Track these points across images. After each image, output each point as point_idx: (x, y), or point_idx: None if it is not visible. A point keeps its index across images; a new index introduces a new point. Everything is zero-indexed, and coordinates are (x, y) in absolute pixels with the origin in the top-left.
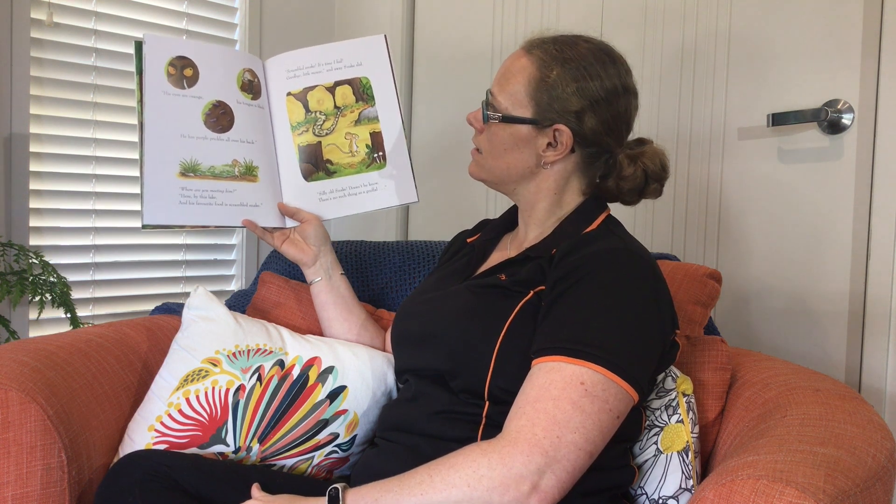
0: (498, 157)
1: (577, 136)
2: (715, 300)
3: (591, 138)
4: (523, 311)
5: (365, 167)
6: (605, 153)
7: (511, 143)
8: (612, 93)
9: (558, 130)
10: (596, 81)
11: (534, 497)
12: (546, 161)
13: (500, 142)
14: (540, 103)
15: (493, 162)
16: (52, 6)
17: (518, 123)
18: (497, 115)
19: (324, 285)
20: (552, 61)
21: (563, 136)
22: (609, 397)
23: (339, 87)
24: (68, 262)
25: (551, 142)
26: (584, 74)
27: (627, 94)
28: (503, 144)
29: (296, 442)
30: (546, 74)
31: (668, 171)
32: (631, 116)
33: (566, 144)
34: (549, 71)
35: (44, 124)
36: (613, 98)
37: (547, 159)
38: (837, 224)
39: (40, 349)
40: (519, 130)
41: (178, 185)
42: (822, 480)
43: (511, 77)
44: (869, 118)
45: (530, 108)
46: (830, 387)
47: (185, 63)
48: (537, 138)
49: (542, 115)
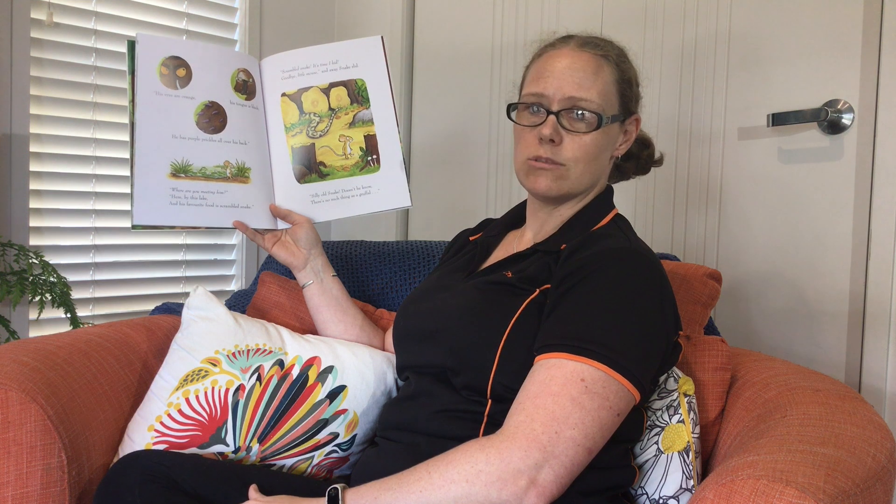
0: (590, 163)
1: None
2: (715, 300)
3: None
4: (529, 308)
5: (358, 170)
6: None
7: (605, 144)
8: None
9: (635, 120)
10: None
11: (531, 492)
12: (619, 153)
13: (595, 147)
14: (624, 97)
15: (584, 169)
16: (52, 6)
17: (614, 122)
18: (608, 118)
19: (315, 288)
20: (616, 55)
21: (635, 124)
22: (609, 394)
23: (334, 88)
24: (68, 262)
25: (624, 133)
26: (631, 66)
27: None
28: (598, 148)
29: (295, 442)
30: (624, 69)
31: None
32: None
33: (635, 131)
34: (623, 64)
35: (44, 124)
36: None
37: (620, 151)
38: (837, 224)
39: (40, 349)
40: (612, 130)
41: (168, 186)
42: (822, 480)
43: (594, 77)
44: (869, 118)
45: (617, 104)
46: (830, 387)
47: (178, 63)
48: (619, 134)
49: (625, 109)
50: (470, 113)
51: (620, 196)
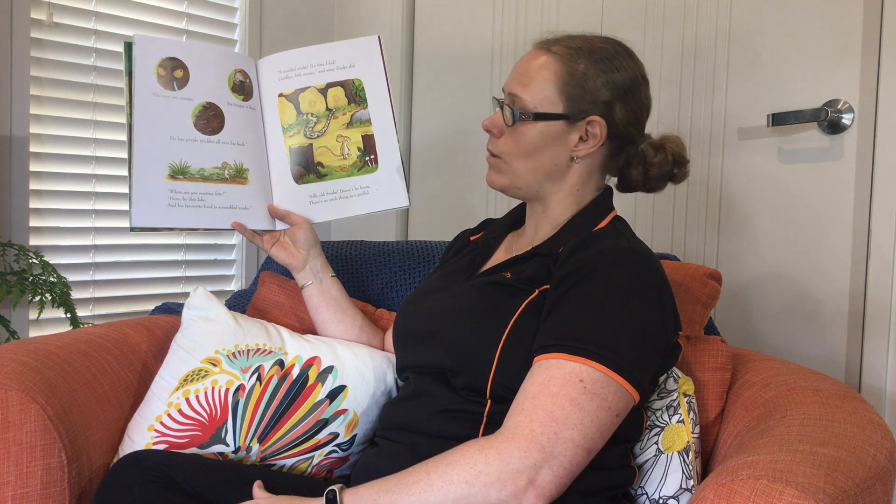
0: (526, 158)
1: (609, 127)
2: (715, 300)
3: (620, 129)
4: (528, 309)
5: (356, 170)
6: (627, 144)
7: (542, 142)
8: (635, 82)
9: (592, 122)
10: (621, 72)
11: (531, 492)
12: (578, 155)
13: (529, 142)
14: (571, 97)
15: (520, 164)
16: (52, 6)
17: (551, 120)
18: (528, 115)
19: (314, 289)
20: (577, 55)
21: (597, 128)
22: (608, 395)
23: (331, 88)
24: (68, 262)
25: (583, 136)
26: (610, 66)
27: (646, 84)
28: (533, 144)
29: (295, 442)
30: (574, 68)
31: (687, 156)
32: (650, 106)
33: (600, 136)
34: (577, 64)
35: (44, 124)
36: (636, 88)
37: (579, 153)
38: (837, 224)
39: (40, 349)
40: (551, 127)
41: (166, 188)
42: (822, 480)
43: (534, 75)
44: (869, 118)
45: (561, 103)
46: (830, 387)
47: (175, 64)
48: (570, 133)
49: (574, 109)
50: (470, 113)
51: (620, 195)
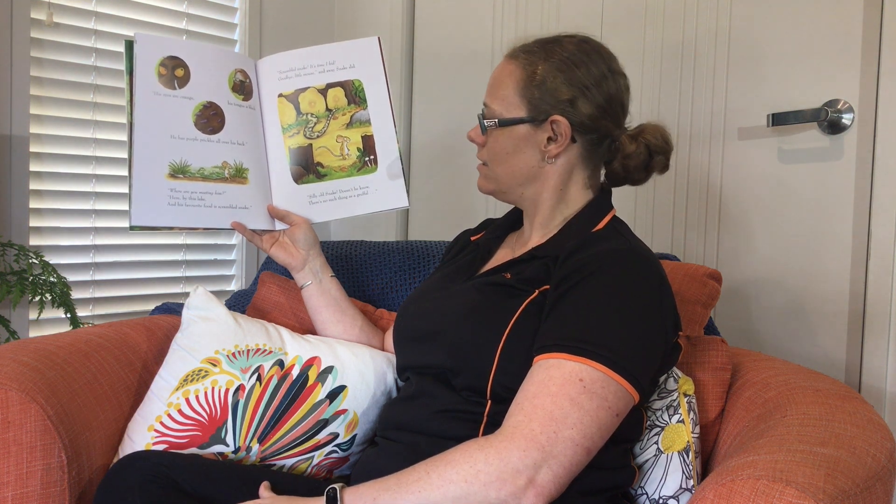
0: (502, 163)
1: (575, 123)
2: (715, 300)
3: (588, 124)
4: (528, 309)
5: (356, 171)
6: (605, 138)
7: (512, 146)
8: (600, 77)
9: (555, 122)
10: (582, 69)
11: (530, 491)
12: (549, 155)
13: (501, 148)
14: (532, 100)
15: (498, 170)
16: (52, 6)
17: (515, 125)
18: (493, 122)
19: (314, 289)
20: (536, 59)
21: (561, 127)
22: (608, 395)
23: (331, 89)
24: (68, 262)
25: (551, 136)
26: (569, 65)
27: (615, 76)
28: (504, 149)
29: (295, 442)
30: (532, 72)
31: (670, 143)
32: (624, 97)
33: (566, 134)
34: (535, 68)
35: (44, 124)
36: (602, 81)
37: (550, 153)
38: (837, 224)
39: (40, 349)
40: (517, 131)
41: (166, 187)
42: (822, 480)
43: (500, 84)
44: (869, 118)
45: (523, 107)
46: (830, 387)
47: (176, 63)
48: (536, 135)
49: (535, 111)
50: (470, 113)
51: (621, 195)
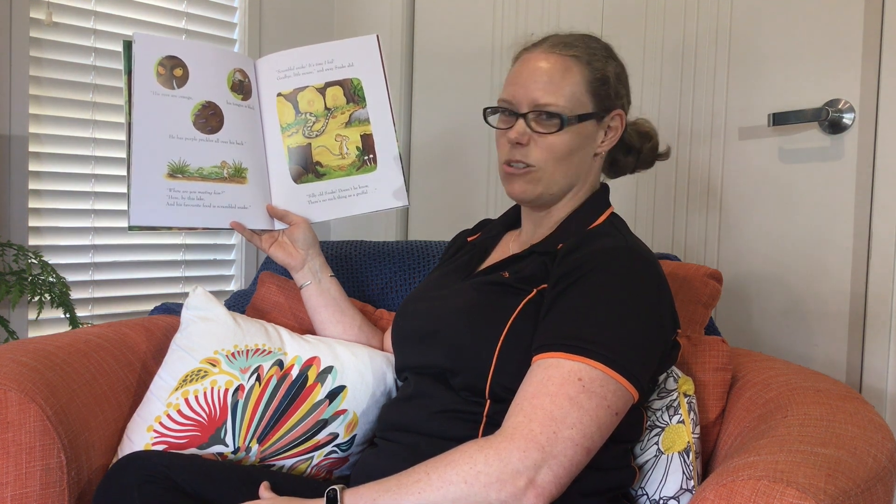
0: (562, 163)
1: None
2: (716, 300)
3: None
4: (526, 309)
5: (355, 170)
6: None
7: (577, 144)
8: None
9: (614, 116)
10: (618, 65)
11: (530, 492)
12: (601, 150)
13: (564, 146)
14: (598, 95)
15: (556, 169)
16: (51, 6)
17: (586, 121)
18: (572, 119)
19: (313, 289)
20: (592, 56)
21: (618, 120)
22: (607, 394)
23: (329, 88)
24: (67, 262)
25: (606, 130)
26: (611, 60)
27: None
28: (569, 148)
29: (295, 442)
30: (595, 67)
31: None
32: None
33: (620, 127)
34: (595, 63)
35: (43, 124)
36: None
37: (603, 147)
38: (838, 224)
39: (39, 349)
40: (585, 128)
41: (165, 187)
42: (822, 481)
43: (559, 79)
44: (870, 118)
45: (591, 103)
46: (831, 387)
47: (175, 63)
48: (598, 131)
49: (602, 107)
50: (470, 113)
51: (621, 195)
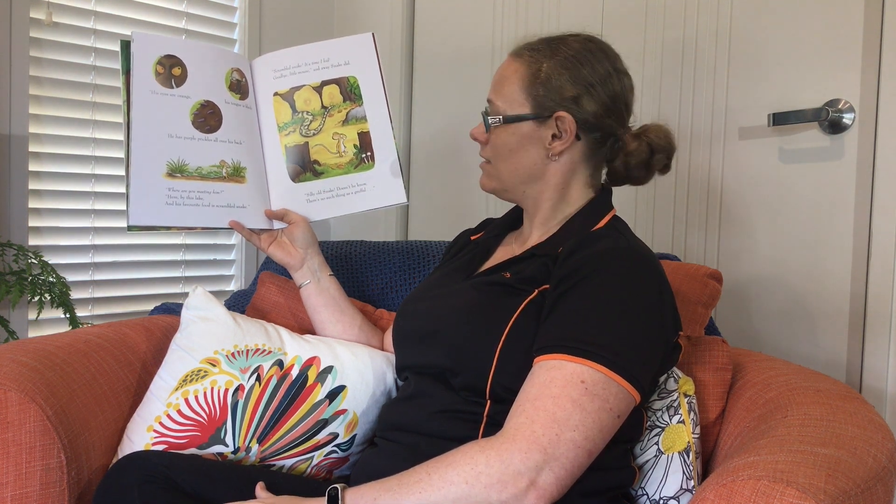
0: (506, 161)
1: (579, 121)
2: (716, 300)
3: (593, 122)
4: (527, 309)
5: (353, 168)
6: (609, 137)
7: (516, 143)
8: (605, 76)
9: (560, 118)
10: (587, 67)
11: (531, 494)
12: (554, 152)
13: (504, 145)
14: (536, 97)
15: (502, 167)
16: (51, 5)
17: (519, 121)
18: (497, 119)
19: (313, 288)
20: (541, 57)
21: (566, 123)
22: (609, 396)
23: (326, 86)
24: (67, 262)
25: (555, 133)
26: (574, 63)
27: (620, 75)
28: (508, 146)
29: (295, 442)
30: (537, 69)
31: (673, 144)
32: (628, 96)
33: (570, 131)
34: (540, 65)
35: (43, 124)
36: (607, 80)
37: (554, 150)
38: (838, 224)
39: (39, 349)
40: (521, 128)
41: (164, 186)
42: (822, 481)
43: (504, 81)
44: (870, 118)
45: (528, 104)
46: (831, 387)
47: (173, 62)
48: (541, 131)
49: (540, 108)
50: (470, 112)
51: (621, 195)
